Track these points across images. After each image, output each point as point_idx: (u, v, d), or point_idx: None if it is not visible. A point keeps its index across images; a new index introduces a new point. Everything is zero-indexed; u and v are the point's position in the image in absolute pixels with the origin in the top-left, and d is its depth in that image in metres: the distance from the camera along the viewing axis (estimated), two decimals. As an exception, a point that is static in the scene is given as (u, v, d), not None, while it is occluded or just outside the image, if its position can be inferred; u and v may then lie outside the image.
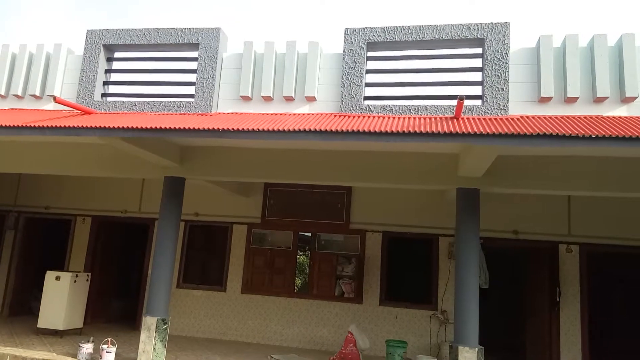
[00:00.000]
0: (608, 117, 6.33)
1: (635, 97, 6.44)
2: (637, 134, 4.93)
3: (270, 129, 5.69)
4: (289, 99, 7.34)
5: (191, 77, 7.89)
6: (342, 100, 7.15)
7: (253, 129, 5.72)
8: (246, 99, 7.49)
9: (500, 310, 11.62)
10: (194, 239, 10.28)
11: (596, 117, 6.27)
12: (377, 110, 7.04)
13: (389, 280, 9.38)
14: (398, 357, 7.66)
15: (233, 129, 5.72)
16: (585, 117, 6.28)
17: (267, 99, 7.41)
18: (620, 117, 6.34)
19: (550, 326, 8.49)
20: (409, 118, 6.65)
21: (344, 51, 7.28)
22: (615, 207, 8.44)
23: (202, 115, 7.37)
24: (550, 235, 8.78)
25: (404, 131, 5.41)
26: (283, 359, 7.92)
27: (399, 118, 6.68)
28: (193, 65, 7.93)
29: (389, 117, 6.75)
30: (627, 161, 6.21)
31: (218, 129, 5.74)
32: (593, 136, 4.96)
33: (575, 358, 8.35)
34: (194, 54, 7.92)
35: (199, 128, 5.81)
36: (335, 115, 6.94)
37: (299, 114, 7.10)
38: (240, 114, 7.36)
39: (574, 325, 8.45)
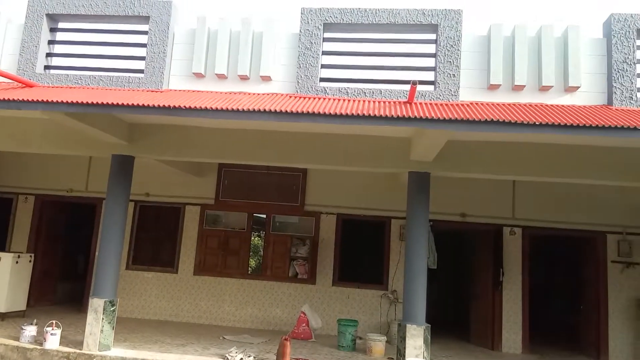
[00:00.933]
0: (552, 105, 6.61)
1: (578, 87, 6.74)
2: (578, 122, 5.17)
3: (224, 108, 5.58)
4: (244, 78, 7.22)
5: (141, 52, 7.59)
6: (298, 81, 7.10)
7: (206, 108, 5.59)
8: (199, 76, 7.30)
9: (448, 289, 12.10)
10: (144, 220, 10.02)
11: (541, 105, 6.52)
12: (333, 92, 7.04)
13: (343, 262, 9.53)
14: (349, 335, 7.84)
15: (185, 106, 5.57)
16: (531, 105, 6.52)
17: (221, 77, 7.25)
18: (563, 105, 6.62)
19: (493, 305, 8.90)
20: (364, 101, 6.70)
21: (300, 31, 7.21)
22: (556, 192, 8.86)
23: (152, 91, 7.13)
24: (496, 218, 9.15)
25: (358, 114, 5.46)
26: (235, 339, 7.93)
27: (354, 101, 6.71)
28: (143, 39, 7.62)
29: (344, 100, 6.77)
30: (569, 148, 6.51)
31: (169, 106, 5.59)
32: (537, 123, 5.17)
33: (516, 334, 8.81)
34: (144, 27, 7.61)
35: (148, 105, 5.63)
36: (291, 96, 6.88)
37: (254, 94, 7.00)
38: (193, 91, 7.17)
39: (516, 304, 8.90)
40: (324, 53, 7.30)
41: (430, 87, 7.03)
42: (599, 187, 8.28)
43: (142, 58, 7.52)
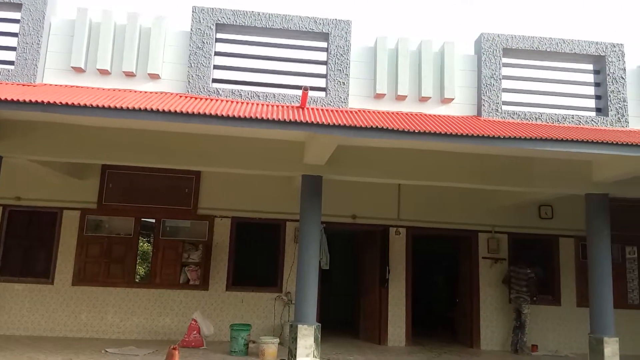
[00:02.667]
0: (431, 115, 7.18)
1: (453, 99, 7.40)
2: (452, 131, 5.67)
3: (107, 105, 5.26)
4: (130, 75, 6.86)
5: (12, 41, 6.88)
6: (189, 81, 6.92)
7: (86, 105, 5.23)
8: (79, 70, 6.79)
9: (340, 289, 12.49)
10: (15, 227, 9.04)
11: (421, 115, 7.05)
12: (226, 94, 6.97)
13: (237, 266, 9.42)
14: (242, 340, 7.77)
15: (61, 102, 5.16)
16: (412, 114, 7.02)
17: (104, 72, 6.82)
18: (440, 115, 7.23)
19: (380, 301, 9.39)
20: (257, 104, 6.72)
21: (191, 30, 7.04)
22: (436, 195, 9.57)
23: (23, 85, 6.49)
24: (383, 219, 9.67)
25: (251, 117, 5.47)
26: (119, 352, 7.46)
27: (247, 103, 6.71)
28: (15, 27, 6.91)
29: (237, 102, 6.74)
30: (446, 155, 7.07)
31: (42, 101, 5.14)
32: (417, 132, 5.60)
33: (400, 329, 9.38)
34: (16, 15, 6.91)
35: (18, 99, 5.12)
36: (181, 96, 6.69)
37: (140, 92, 6.68)
38: (71, 87, 6.66)
39: (400, 300, 9.48)
40: (217, 54, 7.21)
41: (322, 94, 7.26)
42: (472, 190, 9.10)
43: (13, 48, 6.82)
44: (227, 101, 6.75)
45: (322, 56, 7.39)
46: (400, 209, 9.73)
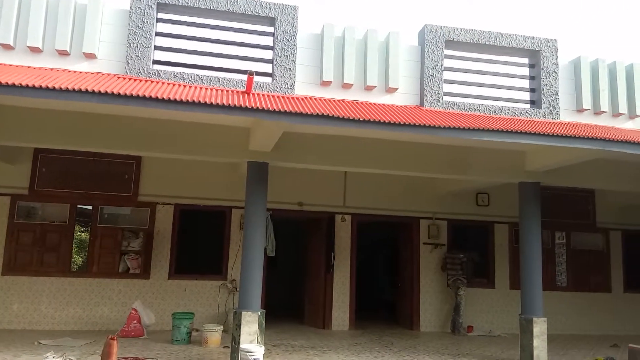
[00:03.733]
0: (376, 103, 7.28)
1: (397, 89, 7.53)
2: (395, 120, 5.78)
3: (38, 85, 4.95)
4: (63, 53, 6.47)
5: None
6: (128, 62, 6.63)
7: (14, 84, 4.90)
8: (7, 47, 6.35)
9: (286, 275, 12.55)
10: None
11: (366, 103, 7.14)
12: (168, 76, 6.74)
13: (180, 254, 9.22)
14: (184, 328, 7.65)
15: (-15, 81, 4.79)
16: (358, 102, 7.09)
17: (35, 50, 6.40)
18: (385, 104, 7.34)
19: (325, 287, 9.53)
20: (201, 88, 6.55)
21: (130, 8, 6.73)
22: (381, 182, 9.75)
23: (-58, 61, 5.98)
24: (329, 207, 9.78)
25: (194, 101, 5.31)
26: (53, 343, 7.14)
27: (190, 87, 6.52)
28: None
29: (179, 85, 6.53)
30: (389, 143, 7.19)
31: (-37, 79, 4.75)
32: (362, 120, 5.65)
33: (344, 313, 9.56)
34: None
35: None
36: (119, 77, 6.40)
37: (75, 72, 6.33)
38: (-1, 64, 6.21)
39: (345, 285, 9.65)
40: (158, 34, 6.95)
41: (268, 79, 7.18)
42: (415, 177, 9.35)
43: None
44: (168, 84, 6.53)
45: (268, 41, 7.29)
46: (346, 196, 9.86)
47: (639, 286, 10.88)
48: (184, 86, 6.51)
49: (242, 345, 6.00)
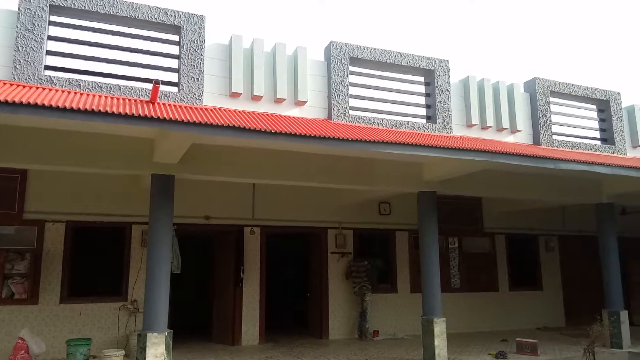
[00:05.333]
0: (285, 116, 7.37)
1: (305, 102, 7.70)
2: (305, 132, 5.88)
3: None
4: None
5: None
6: (16, 67, 6.04)
7: None
8: None
9: (192, 292, 12.10)
10: None
11: (276, 116, 7.20)
12: (62, 83, 6.24)
13: (74, 275, 8.48)
14: (81, 355, 7.04)
15: None
16: (267, 115, 7.13)
17: None
18: (294, 117, 7.46)
19: (234, 302, 9.34)
20: (100, 96, 6.15)
21: (19, 9, 6.15)
22: (289, 194, 9.81)
23: None
24: (238, 219, 9.64)
25: (93, 109, 4.98)
26: None
27: (87, 95, 6.10)
28: None
29: (75, 93, 6.08)
30: (300, 155, 7.27)
31: None
32: (273, 132, 5.69)
33: (254, 327, 9.43)
34: None
35: None
36: (5, 83, 5.80)
37: (-50, 76, 5.62)
38: None
39: (255, 299, 9.54)
40: (51, 38, 6.41)
41: (174, 89, 6.96)
42: (322, 188, 9.55)
43: None
44: (62, 91, 6.04)
45: (174, 50, 7.07)
46: (254, 208, 9.79)
47: (522, 284, 12.10)
48: (81, 94, 6.08)
49: (149, 369, 5.66)
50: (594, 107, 10.38)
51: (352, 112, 8.13)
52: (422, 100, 8.95)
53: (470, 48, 34.73)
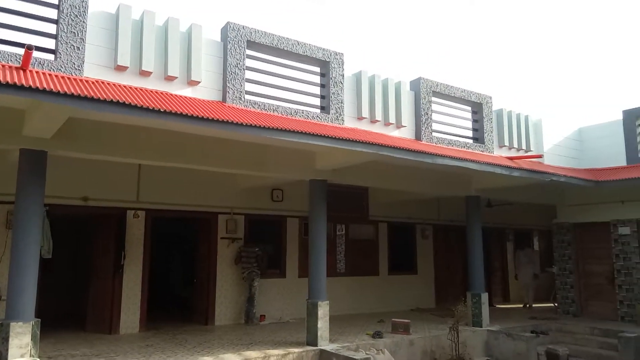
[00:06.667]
0: (177, 95, 7.05)
1: (199, 82, 7.44)
2: (199, 114, 5.70)
3: None
4: None
5: None
6: None
7: None
8: None
9: (65, 279, 11.20)
10: None
11: (166, 94, 6.86)
12: None
13: None
14: None
15: None
16: (157, 92, 6.77)
17: None
18: (186, 97, 7.17)
19: (113, 289, 8.81)
20: (-43, 57, 5.38)
21: None
22: (178, 176, 9.42)
23: None
24: (120, 202, 9.07)
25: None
26: None
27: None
28: None
29: None
30: (191, 137, 7.01)
31: None
32: (163, 111, 5.43)
33: (134, 315, 9.00)
34: None
35: None
36: None
37: None
38: None
39: (136, 285, 9.09)
40: None
41: (50, 57, 6.31)
42: (214, 172, 9.33)
43: None
44: None
45: (52, 13, 6.38)
46: (140, 190, 9.29)
47: (399, 268, 13.02)
48: None
49: (11, 362, 5.17)
50: (469, 108, 11.40)
51: (247, 97, 8.04)
52: (317, 90, 9.12)
53: (367, 44, 36.06)
